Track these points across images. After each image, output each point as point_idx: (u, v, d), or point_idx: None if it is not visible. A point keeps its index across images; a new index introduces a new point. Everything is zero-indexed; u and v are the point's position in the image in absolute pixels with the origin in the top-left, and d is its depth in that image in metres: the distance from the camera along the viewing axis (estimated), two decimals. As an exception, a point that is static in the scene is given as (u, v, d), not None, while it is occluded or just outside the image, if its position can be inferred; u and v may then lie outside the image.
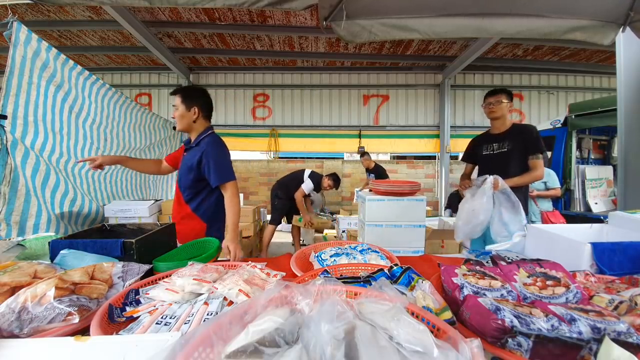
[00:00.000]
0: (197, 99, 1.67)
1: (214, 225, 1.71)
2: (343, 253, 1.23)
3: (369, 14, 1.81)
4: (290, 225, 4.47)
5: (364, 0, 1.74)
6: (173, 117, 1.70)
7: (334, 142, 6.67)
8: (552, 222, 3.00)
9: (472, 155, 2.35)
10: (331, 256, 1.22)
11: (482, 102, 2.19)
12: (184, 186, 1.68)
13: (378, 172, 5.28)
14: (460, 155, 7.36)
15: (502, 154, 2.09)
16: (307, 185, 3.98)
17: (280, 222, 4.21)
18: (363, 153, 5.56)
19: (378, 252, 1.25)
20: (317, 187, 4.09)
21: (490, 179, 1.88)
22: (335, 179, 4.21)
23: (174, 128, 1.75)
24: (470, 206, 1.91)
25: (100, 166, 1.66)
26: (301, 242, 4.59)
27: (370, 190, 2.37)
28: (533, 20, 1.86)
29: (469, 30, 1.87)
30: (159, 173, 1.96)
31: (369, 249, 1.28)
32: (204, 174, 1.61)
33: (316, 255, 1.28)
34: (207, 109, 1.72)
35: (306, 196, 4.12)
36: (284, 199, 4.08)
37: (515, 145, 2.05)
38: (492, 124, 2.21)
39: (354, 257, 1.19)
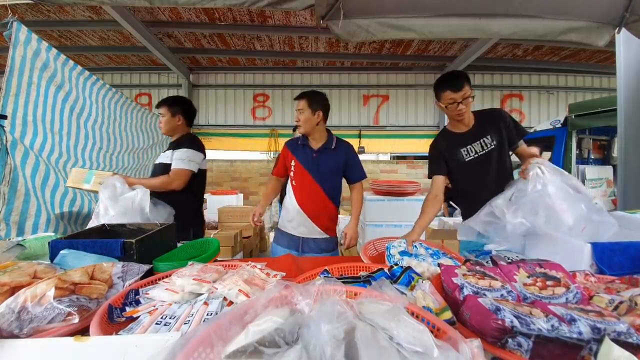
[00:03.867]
0: (323, 105, 1.86)
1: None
2: (413, 255, 1.16)
3: (365, 13, 1.81)
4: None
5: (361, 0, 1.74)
6: (297, 121, 1.83)
7: (334, 142, 6.67)
8: None
9: (443, 166, 1.72)
10: (400, 253, 1.18)
11: (436, 99, 1.59)
12: (329, 186, 1.87)
13: None
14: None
15: (491, 153, 1.62)
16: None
17: None
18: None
19: (448, 256, 1.22)
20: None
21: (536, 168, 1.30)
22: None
23: (294, 129, 1.87)
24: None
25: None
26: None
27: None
28: (529, 21, 1.85)
29: (465, 31, 1.87)
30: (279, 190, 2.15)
31: (443, 253, 1.25)
32: (345, 173, 1.91)
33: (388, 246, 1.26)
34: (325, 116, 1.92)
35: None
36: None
37: (497, 138, 1.61)
38: (454, 122, 1.68)
39: (423, 260, 1.11)
